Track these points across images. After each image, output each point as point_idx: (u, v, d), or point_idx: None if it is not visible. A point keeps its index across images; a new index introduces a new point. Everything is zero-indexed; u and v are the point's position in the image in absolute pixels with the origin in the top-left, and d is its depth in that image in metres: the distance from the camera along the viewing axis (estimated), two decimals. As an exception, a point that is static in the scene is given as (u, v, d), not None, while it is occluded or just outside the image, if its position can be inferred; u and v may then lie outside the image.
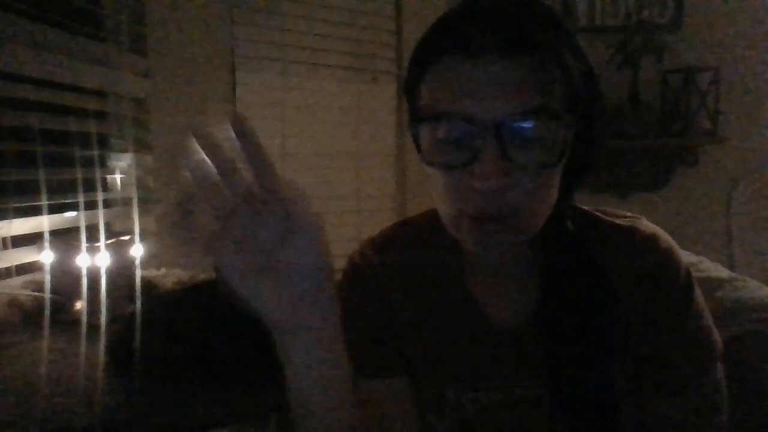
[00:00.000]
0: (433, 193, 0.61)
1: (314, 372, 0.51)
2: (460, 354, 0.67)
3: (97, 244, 0.88)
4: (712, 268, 0.98)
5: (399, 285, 0.70)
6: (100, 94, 1.29)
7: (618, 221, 0.68)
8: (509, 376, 0.65)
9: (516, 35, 0.53)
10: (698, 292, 0.66)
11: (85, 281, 0.84)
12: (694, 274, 0.67)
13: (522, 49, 0.53)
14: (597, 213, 0.70)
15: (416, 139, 0.58)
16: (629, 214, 0.71)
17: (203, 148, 0.43)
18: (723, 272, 0.96)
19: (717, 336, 0.66)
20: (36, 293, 0.87)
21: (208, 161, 0.42)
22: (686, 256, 0.69)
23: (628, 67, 2.13)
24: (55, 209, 1.11)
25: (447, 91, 0.55)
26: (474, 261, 0.68)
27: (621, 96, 2.16)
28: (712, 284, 0.92)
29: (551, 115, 0.53)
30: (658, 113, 2.18)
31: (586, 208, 0.71)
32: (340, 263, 0.80)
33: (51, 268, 0.87)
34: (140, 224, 1.25)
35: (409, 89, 0.62)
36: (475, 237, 0.58)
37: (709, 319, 0.66)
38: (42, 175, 1.05)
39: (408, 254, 0.71)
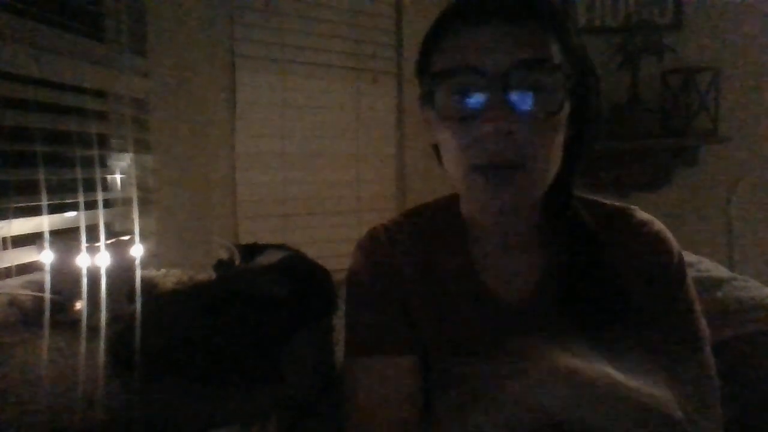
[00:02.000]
0: (446, 156, 0.67)
1: None
2: (466, 331, 0.69)
3: (97, 244, 0.88)
4: (712, 268, 0.98)
5: (408, 266, 0.72)
6: (100, 94, 1.29)
7: (614, 205, 0.72)
8: (513, 350, 0.67)
9: (519, 4, 0.61)
10: (689, 277, 0.68)
11: (85, 281, 0.84)
12: (694, 274, 0.68)
13: (523, 16, 0.61)
14: (594, 199, 0.73)
15: (431, 99, 0.64)
16: (622, 204, 0.74)
17: None
18: (723, 272, 0.96)
19: (705, 324, 0.68)
20: (36, 293, 0.87)
21: None
22: (686, 256, 0.70)
23: (628, 67, 2.13)
24: (55, 209, 1.11)
25: (459, 51, 0.62)
26: (479, 241, 0.71)
27: (621, 96, 2.16)
28: (712, 284, 0.92)
29: (551, 67, 0.61)
30: (658, 113, 2.18)
31: (582, 195, 0.73)
32: (340, 263, 0.80)
33: (51, 268, 0.87)
34: (140, 224, 1.25)
35: (421, 63, 0.68)
36: (487, 191, 0.62)
37: (698, 306, 0.68)
38: (42, 175, 1.05)
39: (416, 237, 0.74)
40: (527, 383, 0.57)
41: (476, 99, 0.61)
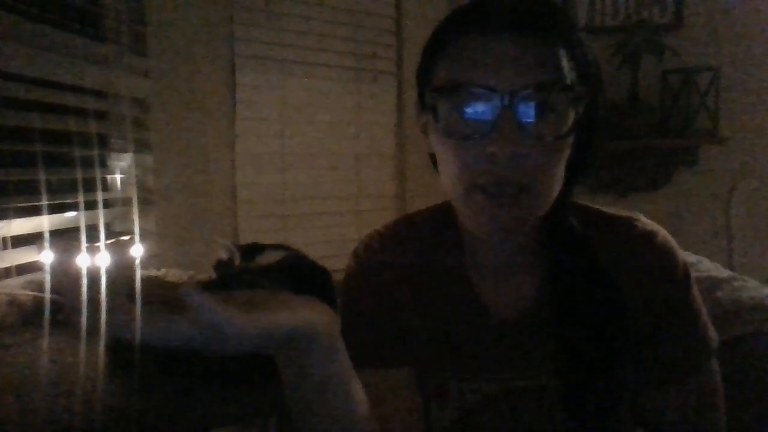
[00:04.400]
0: (444, 172, 0.63)
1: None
2: (462, 346, 0.68)
3: (97, 244, 0.88)
4: (712, 268, 0.98)
5: (403, 279, 0.71)
6: (100, 94, 1.29)
7: (617, 216, 0.70)
8: (509, 367, 0.66)
9: (528, 17, 0.57)
10: (695, 287, 0.67)
11: (85, 281, 0.84)
12: (694, 274, 0.68)
13: (535, 29, 0.57)
14: (596, 208, 0.71)
15: (434, 113, 0.60)
16: (626, 212, 0.72)
17: None
18: (723, 272, 0.96)
19: (713, 333, 0.67)
20: (36, 293, 0.87)
21: None
22: (686, 256, 0.70)
23: (628, 67, 2.13)
24: (55, 209, 1.11)
25: (466, 65, 0.58)
26: (476, 254, 0.70)
27: (621, 96, 2.16)
28: (712, 284, 0.92)
29: (563, 89, 0.57)
30: (658, 113, 2.18)
31: (585, 203, 0.72)
32: (340, 263, 0.80)
33: (51, 268, 0.87)
34: (140, 224, 1.25)
35: (423, 72, 0.65)
36: (488, 211, 0.59)
37: (705, 315, 0.67)
38: (42, 175, 1.05)
39: (412, 249, 0.72)
40: None
41: (482, 118, 0.57)
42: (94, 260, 0.86)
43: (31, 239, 1.05)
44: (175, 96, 1.47)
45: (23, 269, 1.04)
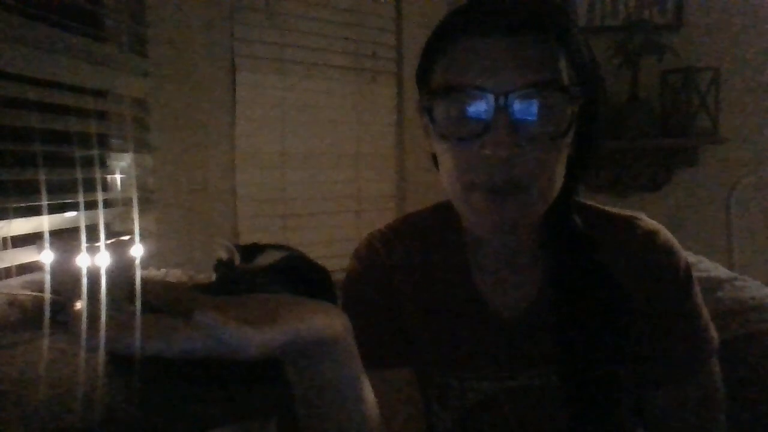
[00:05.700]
0: (443, 172, 0.64)
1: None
2: (464, 344, 0.68)
3: (97, 244, 0.88)
4: (712, 268, 0.98)
5: (405, 278, 0.71)
6: (100, 94, 1.29)
7: (619, 215, 0.70)
8: (510, 366, 0.66)
9: (525, 17, 0.57)
10: (697, 287, 0.67)
11: (85, 281, 0.84)
12: (695, 273, 0.68)
13: (531, 29, 0.57)
14: (598, 207, 0.71)
15: (430, 115, 0.61)
16: (628, 211, 0.72)
17: None
18: (723, 272, 0.96)
19: (713, 332, 0.67)
20: (36, 293, 0.87)
21: None
22: (687, 256, 0.70)
23: (628, 67, 2.13)
24: (55, 209, 1.11)
25: (461, 67, 0.58)
26: (478, 253, 0.70)
27: (621, 96, 2.16)
28: (712, 284, 0.92)
29: (558, 89, 0.57)
30: (658, 113, 2.18)
31: (587, 202, 0.72)
32: (340, 263, 0.80)
33: (51, 268, 0.87)
34: (140, 224, 1.25)
35: (421, 74, 0.65)
36: (487, 209, 0.59)
37: (706, 314, 0.67)
38: (42, 175, 1.05)
39: (413, 248, 0.72)
40: None
41: (478, 119, 0.57)
42: (94, 260, 0.86)
43: (31, 239, 1.05)
44: (175, 96, 1.47)
45: (23, 269, 1.04)
